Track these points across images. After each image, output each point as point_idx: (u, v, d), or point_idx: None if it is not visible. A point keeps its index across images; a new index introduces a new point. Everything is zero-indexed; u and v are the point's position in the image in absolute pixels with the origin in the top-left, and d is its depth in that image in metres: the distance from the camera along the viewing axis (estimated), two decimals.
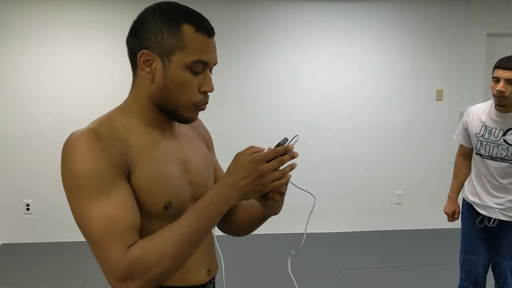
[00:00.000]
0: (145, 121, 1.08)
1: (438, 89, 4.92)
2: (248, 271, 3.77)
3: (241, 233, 1.30)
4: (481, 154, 2.56)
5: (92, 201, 0.94)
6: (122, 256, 0.92)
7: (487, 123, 2.52)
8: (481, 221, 2.62)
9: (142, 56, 1.02)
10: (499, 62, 2.40)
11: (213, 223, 0.99)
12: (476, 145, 2.58)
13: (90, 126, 1.02)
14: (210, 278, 1.19)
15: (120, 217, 0.94)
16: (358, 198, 4.97)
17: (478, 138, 2.55)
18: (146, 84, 1.05)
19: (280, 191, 1.07)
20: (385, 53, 4.88)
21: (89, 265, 3.97)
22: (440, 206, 2.49)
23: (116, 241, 0.93)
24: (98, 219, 0.93)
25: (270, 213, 1.17)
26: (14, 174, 4.57)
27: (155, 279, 0.95)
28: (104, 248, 0.93)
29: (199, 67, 1.03)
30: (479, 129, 2.55)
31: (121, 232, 0.94)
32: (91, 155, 0.95)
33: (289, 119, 4.78)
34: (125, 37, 1.10)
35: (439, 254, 4.26)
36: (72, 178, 0.96)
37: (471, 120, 2.60)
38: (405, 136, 4.94)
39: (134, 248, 0.94)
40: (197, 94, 1.05)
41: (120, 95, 3.82)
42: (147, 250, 0.94)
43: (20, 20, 4.46)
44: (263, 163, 0.96)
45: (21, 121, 4.53)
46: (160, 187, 1.04)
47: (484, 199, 2.58)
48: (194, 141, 1.22)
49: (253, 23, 4.73)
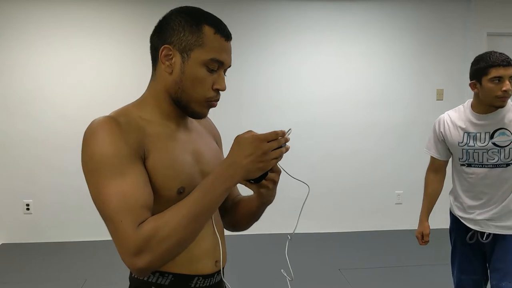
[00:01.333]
0: (161, 114, 1.15)
1: (438, 89, 4.92)
2: (247, 268, 3.77)
3: (242, 225, 1.36)
4: (469, 164, 2.29)
5: (109, 179, 1.00)
6: (133, 231, 0.97)
7: (468, 129, 2.26)
8: (472, 237, 2.36)
9: (164, 50, 1.10)
10: (494, 59, 2.13)
11: (219, 199, 1.05)
12: (462, 156, 2.30)
13: (109, 114, 1.09)
14: (218, 269, 1.21)
15: (134, 194, 1.00)
16: (359, 198, 4.96)
17: (462, 147, 2.28)
18: (164, 77, 1.13)
19: (273, 180, 1.14)
20: (385, 53, 4.88)
21: (89, 265, 3.97)
22: (440, 206, 2.44)
23: (129, 216, 0.98)
24: (113, 197, 0.99)
25: (265, 201, 1.23)
26: (14, 174, 4.56)
27: (166, 253, 1.00)
28: (118, 224, 0.98)
29: (214, 65, 1.11)
30: (461, 137, 2.28)
31: (134, 208, 0.99)
32: (111, 138, 1.02)
33: (289, 118, 4.77)
34: (127, 37, 1.14)
35: (440, 254, 4.25)
36: (92, 160, 1.02)
37: (447, 130, 2.33)
38: (406, 136, 4.94)
39: (145, 224, 0.99)
40: (210, 91, 1.13)
41: (121, 95, 3.80)
42: (158, 225, 0.99)
43: (19, 20, 4.46)
44: (265, 142, 1.02)
45: (21, 121, 4.52)
46: (174, 173, 1.10)
47: (475, 213, 2.32)
48: (204, 136, 1.29)
49: (257, 22, 4.74)
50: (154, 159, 1.07)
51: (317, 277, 3.73)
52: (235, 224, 1.36)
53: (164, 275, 1.12)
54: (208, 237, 1.17)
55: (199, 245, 1.15)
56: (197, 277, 1.16)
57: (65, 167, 4.48)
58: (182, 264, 1.13)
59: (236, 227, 1.38)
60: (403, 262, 4.09)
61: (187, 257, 1.13)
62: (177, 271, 1.13)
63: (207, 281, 1.18)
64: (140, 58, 4.26)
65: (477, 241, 2.35)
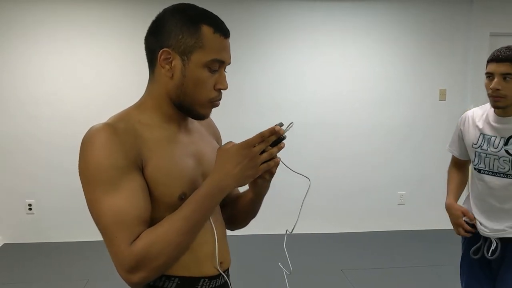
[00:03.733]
0: (161, 117, 1.13)
1: (441, 89, 4.91)
2: (251, 268, 3.77)
3: (240, 221, 1.36)
4: (479, 169, 2.08)
5: (104, 193, 0.99)
6: (127, 248, 0.98)
7: (485, 130, 2.05)
8: (477, 251, 2.12)
9: (163, 54, 1.07)
10: (492, 54, 1.96)
11: (210, 212, 1.06)
12: (474, 158, 2.10)
13: (108, 121, 1.08)
14: (223, 270, 1.21)
15: (128, 210, 1.00)
16: (361, 199, 4.95)
17: (475, 149, 2.08)
18: (164, 81, 1.10)
19: (271, 171, 1.12)
20: (388, 53, 4.87)
21: (91, 265, 3.97)
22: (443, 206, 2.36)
23: (122, 233, 0.99)
24: (107, 211, 0.99)
25: (258, 192, 1.22)
26: (16, 174, 4.57)
27: (160, 268, 1.02)
28: (112, 239, 0.99)
29: (215, 65, 1.09)
30: (476, 138, 2.08)
31: (128, 225, 0.99)
32: (107, 149, 1.00)
33: (290, 118, 4.70)
34: (128, 37, 1.13)
35: (442, 255, 4.24)
36: (88, 169, 1.01)
37: (467, 128, 2.14)
38: (408, 136, 4.93)
39: (138, 241, 0.99)
40: (212, 91, 1.11)
41: (122, 96, 3.78)
42: (151, 242, 0.99)
43: (21, 20, 4.46)
44: (250, 148, 1.01)
45: (24, 122, 4.53)
46: (174, 179, 1.09)
47: (481, 223, 2.11)
48: (206, 136, 1.28)
49: (258, 22, 4.73)
50: (153, 167, 1.06)
51: (320, 277, 3.72)
52: (233, 220, 1.35)
53: (170, 278, 1.11)
54: (212, 239, 1.17)
55: (204, 247, 1.15)
56: (203, 279, 1.15)
57: (68, 168, 4.47)
58: (187, 266, 1.12)
59: (233, 224, 1.37)
60: (405, 263, 4.07)
61: (192, 259, 1.12)
62: (183, 274, 1.12)
63: (213, 283, 1.17)
64: (142, 59, 4.21)
65: (483, 257, 2.09)
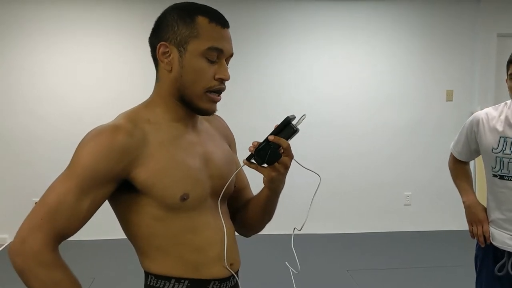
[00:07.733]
0: (170, 115, 1.12)
1: (448, 90, 4.89)
2: (259, 269, 3.77)
3: (256, 224, 1.31)
4: (502, 176, 1.88)
5: (69, 181, 1.01)
6: (41, 242, 0.99)
7: (506, 133, 1.86)
8: (502, 268, 1.90)
9: (161, 47, 1.09)
10: None
11: None
12: (494, 165, 1.90)
13: (116, 121, 1.08)
14: (234, 271, 1.19)
15: (72, 209, 1.00)
16: (367, 199, 4.95)
17: (496, 154, 1.88)
18: (165, 76, 1.11)
19: (285, 164, 1.12)
20: (395, 54, 4.86)
21: (97, 264, 3.98)
22: (449, 207, 2.30)
23: (49, 219, 0.99)
24: (58, 194, 1.00)
25: (274, 188, 1.18)
26: (23, 173, 4.59)
27: (22, 276, 1.01)
28: (36, 215, 1.01)
29: (213, 55, 1.07)
30: (495, 142, 1.88)
31: (58, 218, 0.99)
32: (98, 154, 1.02)
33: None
34: (134, 36, 1.13)
35: (449, 256, 4.22)
36: (75, 160, 1.04)
37: (482, 131, 1.94)
38: (415, 137, 4.91)
39: (48, 254, 1.00)
40: (212, 81, 1.09)
41: (128, 95, 3.80)
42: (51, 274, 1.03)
43: (26, 19, 4.48)
44: None
45: (30, 121, 4.55)
46: (175, 181, 1.07)
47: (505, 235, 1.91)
48: (216, 138, 1.25)
49: (264, 22, 4.73)
50: (150, 171, 1.05)
51: (325, 278, 3.71)
52: (248, 223, 1.31)
53: (180, 281, 1.10)
54: (222, 241, 1.14)
55: (213, 249, 1.13)
56: (213, 281, 1.14)
57: None
58: (198, 269, 1.11)
59: (249, 227, 1.32)
60: (411, 264, 4.06)
61: (202, 262, 1.11)
62: (193, 277, 1.11)
63: (223, 285, 1.16)
64: (147, 58, 4.25)
65: (508, 275, 1.89)
